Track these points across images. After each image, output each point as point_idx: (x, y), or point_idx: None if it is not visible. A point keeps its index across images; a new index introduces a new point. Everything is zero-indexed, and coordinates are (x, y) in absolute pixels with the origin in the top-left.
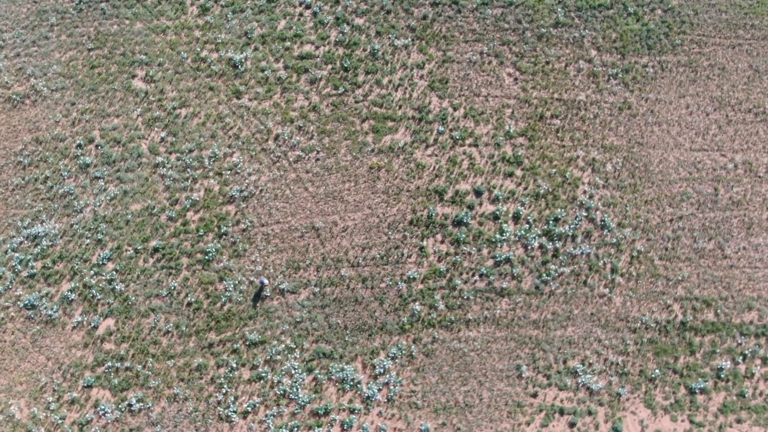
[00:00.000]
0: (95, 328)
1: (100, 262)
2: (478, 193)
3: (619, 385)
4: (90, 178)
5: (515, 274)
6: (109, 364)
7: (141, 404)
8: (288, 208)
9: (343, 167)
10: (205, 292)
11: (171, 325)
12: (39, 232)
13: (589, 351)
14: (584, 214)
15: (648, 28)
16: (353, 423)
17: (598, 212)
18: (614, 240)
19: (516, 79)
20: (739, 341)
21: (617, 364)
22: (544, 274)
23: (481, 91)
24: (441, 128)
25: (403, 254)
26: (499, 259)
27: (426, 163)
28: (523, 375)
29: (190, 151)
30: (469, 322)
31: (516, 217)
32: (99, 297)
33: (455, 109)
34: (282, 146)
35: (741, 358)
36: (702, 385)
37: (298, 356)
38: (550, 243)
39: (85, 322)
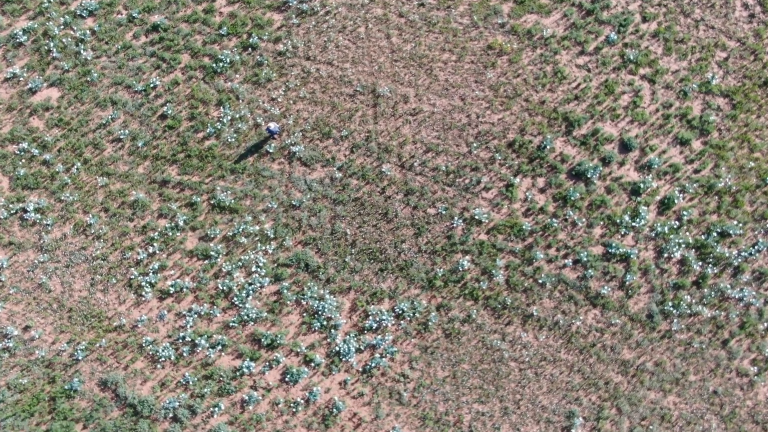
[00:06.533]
0: (32, 92)
1: (78, 12)
2: (625, 147)
3: None
4: None
5: (627, 284)
6: (25, 146)
7: (38, 217)
8: (352, 51)
9: (451, 30)
10: (192, 111)
11: (127, 132)
12: None
13: None
14: None
15: None
16: (300, 378)
17: None
18: None
19: (752, 15)
20: None
21: None
22: (670, 303)
23: (694, 12)
24: (613, 36)
25: (479, 182)
26: (612, 250)
27: (569, 75)
28: (573, 429)
29: None
30: (530, 318)
31: (665, 205)
32: (55, 55)
33: (645, 20)
34: None
35: None
36: None
37: (270, 251)
38: (699, 263)
39: (22, 80)
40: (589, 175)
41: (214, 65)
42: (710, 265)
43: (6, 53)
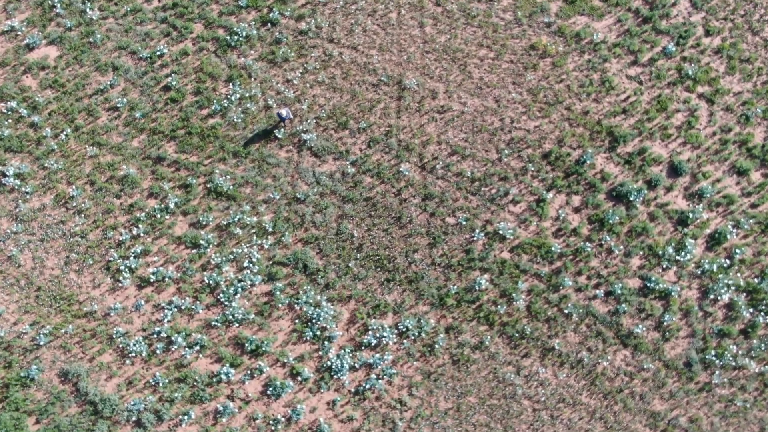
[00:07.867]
0: (29, 49)
1: None
2: (675, 171)
3: None
4: None
5: (664, 325)
6: (14, 105)
7: (18, 183)
8: (381, 37)
9: (492, 24)
10: (198, 85)
11: (125, 101)
12: None
13: None
14: None
15: None
16: (284, 392)
17: None
18: None
19: None
20: None
21: None
22: (712, 352)
23: (764, 30)
24: (671, 48)
25: (507, 193)
26: (651, 285)
27: (618, 85)
28: None
29: None
30: (550, 352)
31: (715, 240)
32: (59, 12)
33: (708, 34)
34: None
35: None
36: None
37: (266, 246)
38: (749, 309)
39: (21, 34)
40: (631, 198)
41: (228, 38)
42: (762, 313)
43: (6, 4)
